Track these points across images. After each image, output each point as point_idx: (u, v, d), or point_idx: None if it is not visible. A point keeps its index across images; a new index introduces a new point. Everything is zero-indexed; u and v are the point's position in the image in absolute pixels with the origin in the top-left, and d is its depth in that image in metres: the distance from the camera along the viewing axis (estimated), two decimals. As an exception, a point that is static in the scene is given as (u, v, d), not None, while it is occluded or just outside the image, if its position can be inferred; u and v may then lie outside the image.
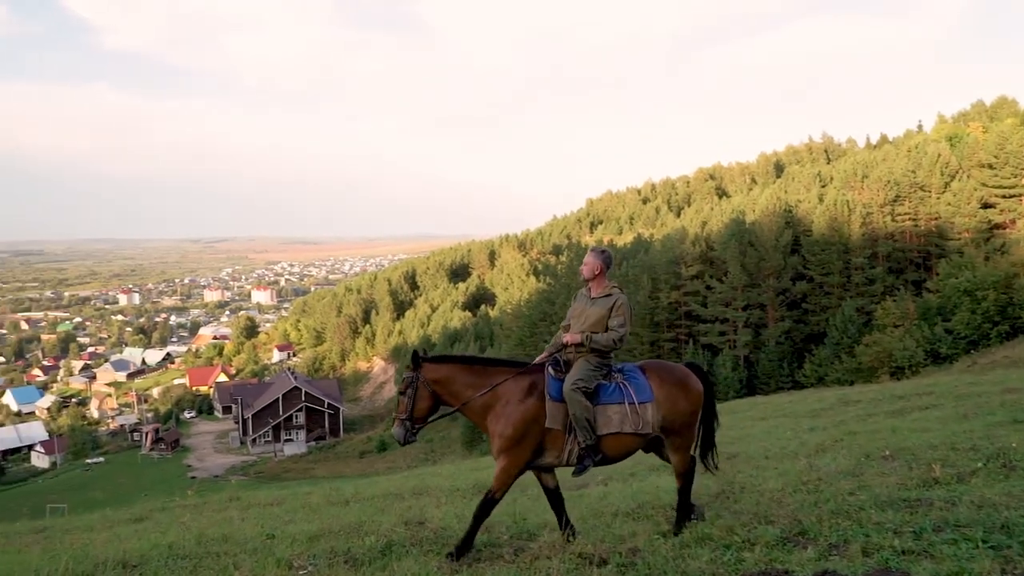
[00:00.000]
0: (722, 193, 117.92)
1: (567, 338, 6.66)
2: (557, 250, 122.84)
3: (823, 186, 74.56)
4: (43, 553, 8.14)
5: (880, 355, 42.39)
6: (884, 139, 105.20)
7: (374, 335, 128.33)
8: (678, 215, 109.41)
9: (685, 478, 6.70)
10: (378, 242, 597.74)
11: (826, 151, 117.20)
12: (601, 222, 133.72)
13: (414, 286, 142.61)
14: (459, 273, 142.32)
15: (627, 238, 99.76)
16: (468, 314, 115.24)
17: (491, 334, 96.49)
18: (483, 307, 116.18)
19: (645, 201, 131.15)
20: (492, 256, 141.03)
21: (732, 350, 58.00)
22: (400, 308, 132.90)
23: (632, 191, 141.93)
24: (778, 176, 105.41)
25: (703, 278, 62.35)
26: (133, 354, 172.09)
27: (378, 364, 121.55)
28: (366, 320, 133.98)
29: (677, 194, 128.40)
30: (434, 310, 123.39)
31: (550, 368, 6.59)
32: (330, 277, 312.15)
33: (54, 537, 11.14)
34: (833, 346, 50.48)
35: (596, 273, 6.82)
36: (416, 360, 6.56)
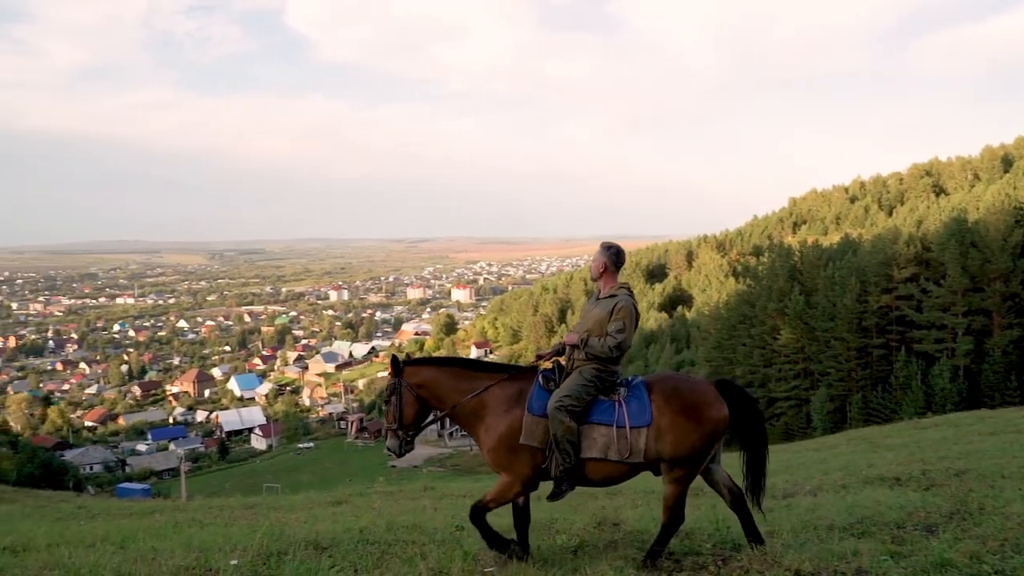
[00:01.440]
0: (939, 190, 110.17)
1: (565, 338, 6.17)
2: (758, 251, 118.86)
3: (1059, 182, 68.06)
4: (244, 528, 8.59)
5: None
6: None
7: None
8: (889, 214, 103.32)
9: (672, 513, 5.89)
10: (575, 242, 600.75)
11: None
12: (804, 222, 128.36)
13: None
14: (655, 274, 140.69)
15: (833, 238, 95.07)
16: (664, 315, 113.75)
17: (687, 336, 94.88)
18: (680, 308, 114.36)
19: (853, 200, 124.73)
20: (689, 257, 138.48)
21: (950, 359, 53.99)
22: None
23: (839, 189, 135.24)
24: (1006, 171, 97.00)
25: (918, 281, 58.38)
26: (341, 347, 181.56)
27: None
28: (562, 319, 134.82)
29: (888, 192, 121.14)
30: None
31: (540, 378, 6.04)
32: (527, 276, 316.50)
33: (260, 514, 11.76)
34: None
35: (601, 272, 6.23)
36: (396, 365, 6.16)
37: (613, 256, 6.21)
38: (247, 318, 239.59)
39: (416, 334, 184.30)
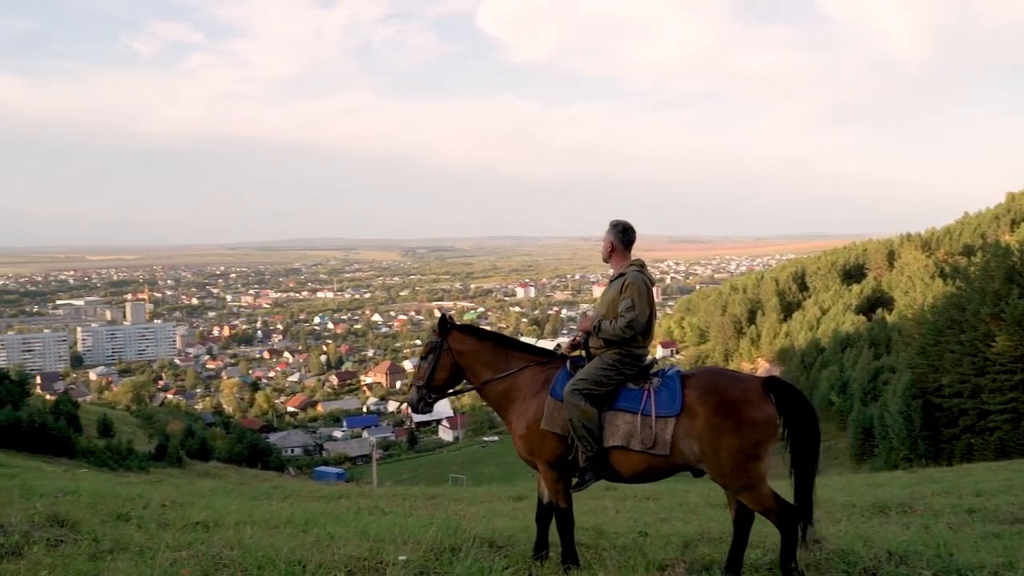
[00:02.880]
0: None
1: (578, 324, 5.79)
2: (968, 251, 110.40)
3: None
4: (422, 519, 8.49)
5: None
6: None
7: (759, 336, 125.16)
8: None
9: (774, 515, 5.18)
10: (766, 241, 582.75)
11: None
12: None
13: (803, 287, 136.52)
14: (852, 274, 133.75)
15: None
16: (862, 318, 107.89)
17: (888, 340, 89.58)
18: (879, 311, 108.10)
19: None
20: (891, 256, 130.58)
21: None
22: (787, 309, 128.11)
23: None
24: None
25: None
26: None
27: (763, 366, 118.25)
28: (751, 320, 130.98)
29: None
30: (824, 312, 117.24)
31: (567, 364, 5.69)
32: (715, 276, 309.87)
33: (440, 505, 11.80)
34: None
35: (610, 251, 5.89)
36: (444, 326, 5.89)
37: (620, 234, 5.94)
38: (437, 313, 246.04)
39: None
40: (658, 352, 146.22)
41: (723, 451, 5.12)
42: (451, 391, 6.09)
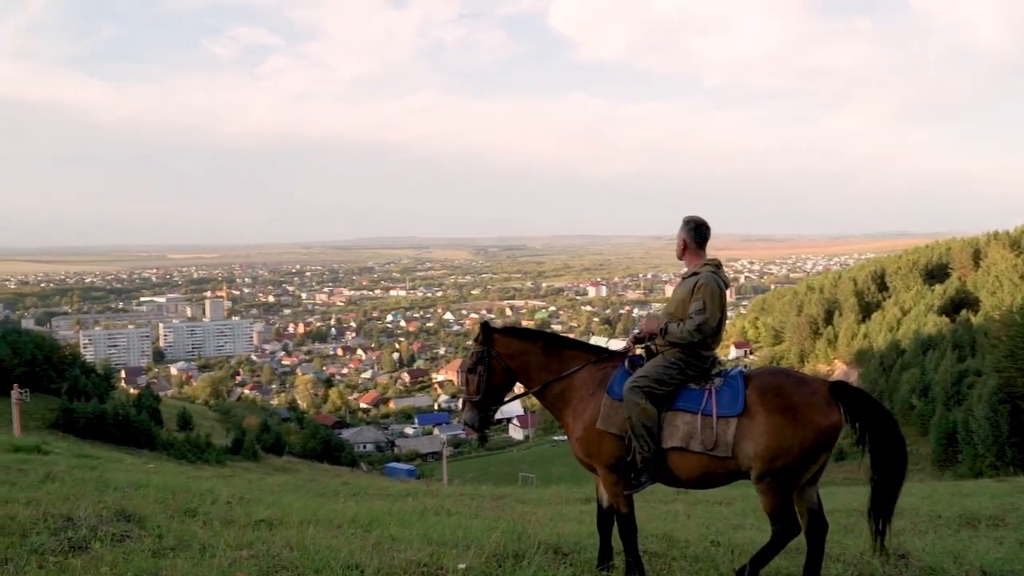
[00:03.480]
0: None
1: (643, 324, 5.53)
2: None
3: None
4: (487, 521, 8.35)
5: None
6: None
7: (836, 337, 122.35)
8: None
9: (779, 524, 5.01)
10: (844, 240, 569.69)
11: None
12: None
13: (882, 287, 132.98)
14: (935, 274, 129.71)
15: None
16: (945, 319, 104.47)
17: (973, 342, 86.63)
18: (964, 312, 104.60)
19: None
20: (976, 256, 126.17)
21: None
22: (866, 310, 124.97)
23: None
24: None
25: None
26: (598, 343, 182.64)
27: (840, 367, 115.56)
28: (828, 321, 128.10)
29: None
30: (904, 313, 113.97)
31: (626, 362, 5.45)
32: (791, 275, 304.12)
33: (507, 506, 11.62)
34: None
35: (683, 249, 5.62)
36: (487, 332, 5.63)
37: (693, 231, 5.66)
38: (508, 312, 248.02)
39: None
40: (731, 352, 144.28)
41: (781, 449, 4.90)
42: (508, 398, 5.90)
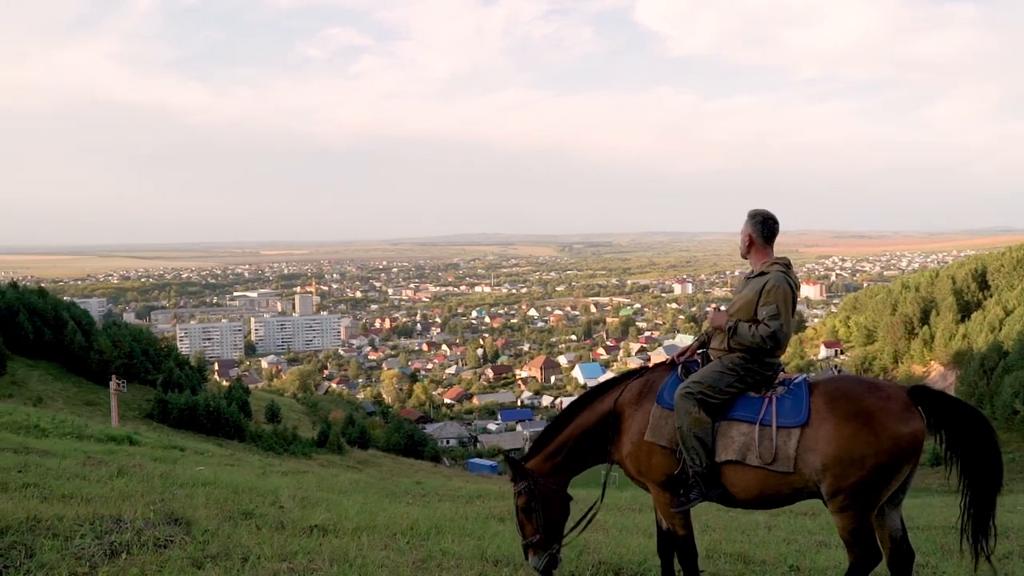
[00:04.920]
0: None
1: (712, 318, 4.87)
2: None
3: None
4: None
5: None
6: None
7: (932, 337, 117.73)
8: None
9: (857, 549, 4.37)
10: (941, 236, 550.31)
11: None
12: None
13: (984, 285, 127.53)
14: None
15: None
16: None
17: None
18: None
19: None
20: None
21: None
22: (965, 309, 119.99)
23: None
24: None
25: None
26: (684, 340, 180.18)
27: (936, 369, 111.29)
28: (924, 321, 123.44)
29: None
30: (1008, 313, 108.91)
31: (679, 369, 4.87)
32: (884, 273, 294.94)
33: (575, 511, 10.96)
34: None
35: (748, 245, 4.98)
36: (518, 468, 5.09)
37: (759, 225, 5.03)
38: (593, 309, 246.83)
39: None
40: (821, 352, 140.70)
41: (853, 467, 4.32)
42: (568, 532, 5.33)
